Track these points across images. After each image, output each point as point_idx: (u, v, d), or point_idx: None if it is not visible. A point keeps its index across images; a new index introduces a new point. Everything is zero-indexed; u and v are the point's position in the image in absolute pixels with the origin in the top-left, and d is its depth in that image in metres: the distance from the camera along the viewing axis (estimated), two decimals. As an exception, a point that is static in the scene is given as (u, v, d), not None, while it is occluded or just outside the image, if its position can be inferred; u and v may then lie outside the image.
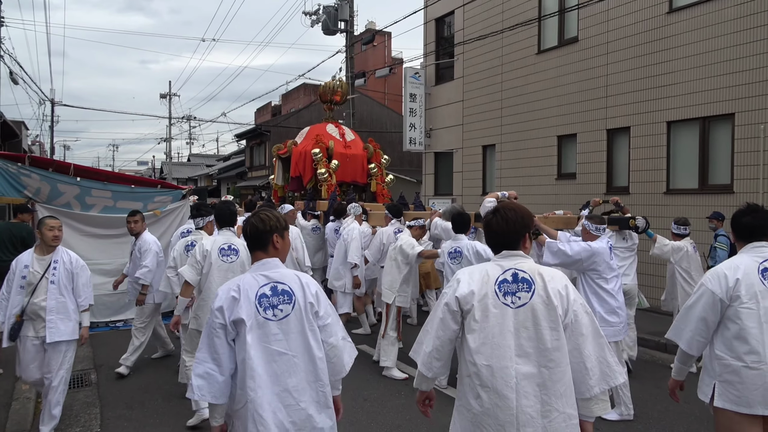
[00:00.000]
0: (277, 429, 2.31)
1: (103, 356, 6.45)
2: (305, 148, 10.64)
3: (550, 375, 2.14)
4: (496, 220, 2.33)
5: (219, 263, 4.39)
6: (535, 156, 11.63)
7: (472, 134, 13.45)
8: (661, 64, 9.28)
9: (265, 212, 2.56)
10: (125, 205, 7.86)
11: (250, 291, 2.40)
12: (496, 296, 2.22)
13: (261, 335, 2.35)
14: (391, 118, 26.20)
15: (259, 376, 2.31)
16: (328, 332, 2.47)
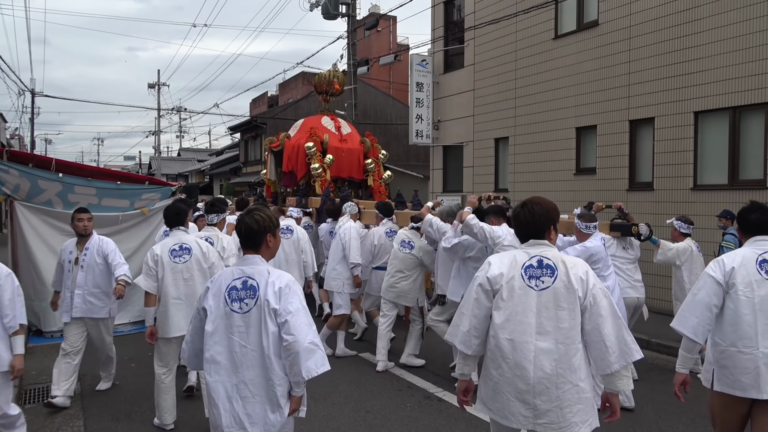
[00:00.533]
0: (231, 418, 2.61)
1: (87, 365, 6.47)
2: (299, 141, 10.68)
3: (566, 351, 2.56)
4: (523, 213, 2.78)
5: (171, 265, 4.55)
6: (551, 149, 11.60)
7: (484, 126, 13.43)
8: (688, 50, 9.24)
9: (259, 212, 2.80)
10: (111, 203, 7.89)
11: (223, 283, 2.73)
12: (522, 279, 2.65)
13: (227, 325, 2.68)
14: (397, 108, 26.20)
15: (218, 363, 2.65)
16: (286, 329, 2.62)
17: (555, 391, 2.57)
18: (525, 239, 2.79)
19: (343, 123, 11.49)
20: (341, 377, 5.94)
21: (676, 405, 5.12)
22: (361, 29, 18.27)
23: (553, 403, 2.58)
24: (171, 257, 4.58)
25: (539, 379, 2.57)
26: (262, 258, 2.78)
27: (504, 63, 12.79)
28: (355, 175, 10.97)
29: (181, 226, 4.77)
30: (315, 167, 10.11)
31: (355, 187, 11.10)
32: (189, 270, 4.58)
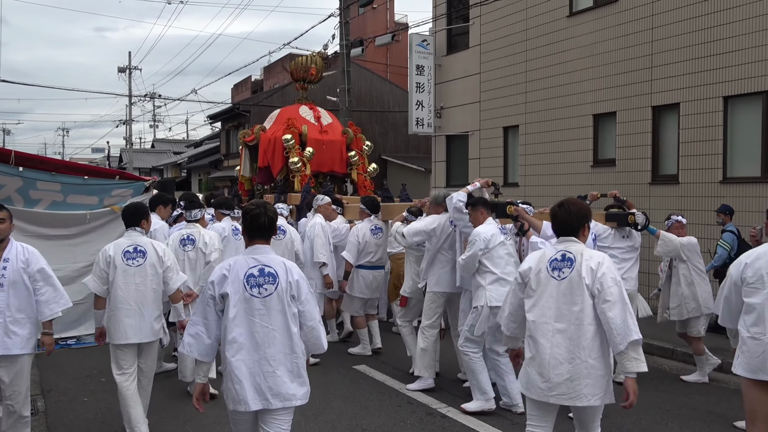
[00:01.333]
0: (254, 391, 3.23)
1: (52, 379, 6.49)
2: (275, 134, 10.76)
3: (576, 331, 3.31)
4: (561, 212, 3.51)
5: (124, 268, 4.68)
6: (566, 139, 11.64)
7: (492, 113, 13.46)
8: (717, 28, 9.28)
9: (272, 206, 3.47)
10: (77, 200, 7.89)
11: (240, 271, 3.30)
12: (547, 271, 3.45)
13: (247, 308, 3.27)
14: (395, 94, 26.22)
15: (240, 344, 3.25)
16: (306, 316, 3.37)
17: (567, 365, 3.32)
18: (560, 236, 3.54)
19: (323, 112, 11.61)
20: (334, 392, 5.97)
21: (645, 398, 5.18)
22: (354, 6, 18.27)
23: (564, 376, 3.32)
24: (124, 259, 4.69)
25: (554, 354, 3.34)
26: (270, 248, 3.43)
27: (513, 43, 12.81)
28: (337, 168, 11.09)
29: (138, 227, 4.86)
30: (294, 161, 10.21)
31: (338, 181, 11.22)
32: (142, 274, 4.69)
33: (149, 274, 4.71)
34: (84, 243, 7.97)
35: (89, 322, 7.97)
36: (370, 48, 19.69)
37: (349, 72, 17.37)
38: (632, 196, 10.28)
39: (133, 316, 4.65)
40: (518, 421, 5.23)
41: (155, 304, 4.75)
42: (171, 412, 5.49)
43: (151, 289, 4.72)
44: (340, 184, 11.28)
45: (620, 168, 10.67)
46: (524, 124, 12.59)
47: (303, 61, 11.80)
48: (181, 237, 5.90)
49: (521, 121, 12.66)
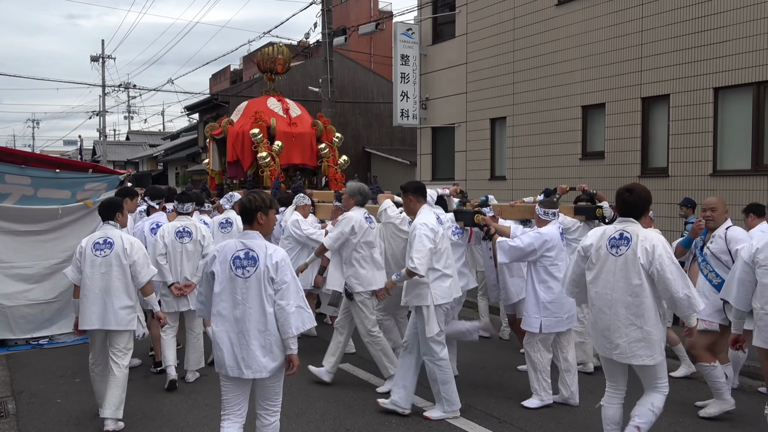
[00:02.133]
0: (233, 360, 3.76)
1: (23, 381, 6.42)
2: (243, 127, 10.87)
3: (633, 302, 3.96)
4: (630, 197, 4.08)
5: (92, 258, 5.14)
6: (555, 131, 11.69)
7: (478, 105, 13.48)
8: (707, 18, 9.35)
9: (253, 194, 3.95)
10: (48, 194, 7.79)
11: (228, 253, 3.84)
12: (606, 248, 4.06)
13: (231, 287, 3.80)
14: (379, 85, 26.18)
15: (224, 317, 3.79)
16: (280, 296, 3.77)
17: (624, 330, 4.00)
18: (624, 216, 4.11)
19: (292, 104, 11.72)
20: (317, 391, 5.96)
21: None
22: (337, -6, 18.21)
23: (623, 338, 4.00)
24: (93, 250, 5.15)
25: (613, 320, 4.02)
26: (259, 233, 3.89)
27: (501, 33, 12.83)
28: (307, 161, 11.19)
29: (112, 221, 5.29)
30: (262, 156, 10.34)
31: (309, 174, 11.36)
32: (107, 264, 5.10)
33: (114, 265, 5.09)
34: (56, 239, 7.88)
35: (62, 321, 7.89)
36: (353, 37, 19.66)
37: (331, 62, 17.29)
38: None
39: (97, 303, 5.05)
40: (506, 419, 5.26)
41: (123, 294, 5.09)
42: (148, 413, 5.45)
43: (116, 278, 5.10)
44: (310, 177, 11.40)
45: (609, 160, 10.74)
46: (512, 115, 12.62)
47: (270, 51, 11.95)
48: (176, 229, 6.23)
49: (509, 112, 12.69)
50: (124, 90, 39.89)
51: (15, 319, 7.62)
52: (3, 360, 7.14)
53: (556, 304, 5.47)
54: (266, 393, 3.89)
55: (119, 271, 5.10)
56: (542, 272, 5.51)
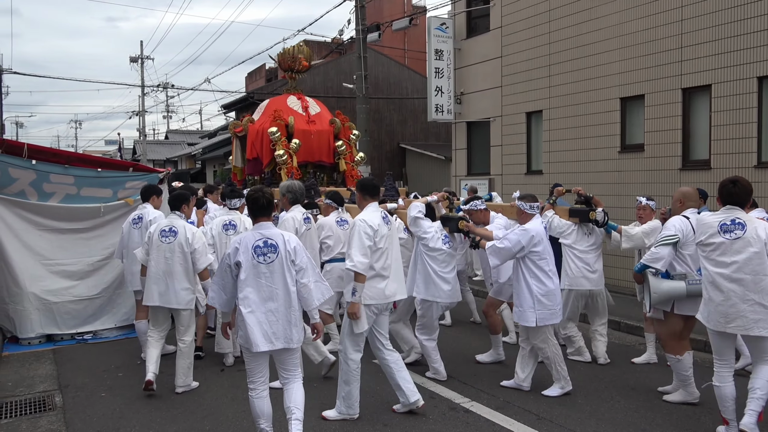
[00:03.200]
0: (262, 336, 4.33)
1: (69, 375, 6.59)
2: (262, 125, 11.15)
3: (752, 279, 4.45)
4: (735, 189, 4.61)
5: (158, 243, 5.97)
6: (592, 124, 11.53)
7: (514, 99, 13.37)
8: (751, 5, 9.10)
9: (268, 189, 4.60)
10: (91, 193, 7.99)
11: (248, 243, 4.40)
12: (718, 234, 4.57)
13: (255, 273, 4.38)
14: (413, 80, 26.13)
15: (251, 300, 4.35)
16: (301, 275, 4.47)
17: (742, 305, 4.44)
18: (729, 205, 4.62)
19: (312, 102, 11.96)
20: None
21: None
22: (370, -10, 18.21)
23: (741, 313, 4.45)
24: (159, 236, 5.99)
25: (731, 296, 4.48)
26: (272, 224, 4.56)
27: (536, 25, 12.70)
28: (324, 158, 11.41)
29: (178, 211, 6.16)
30: (279, 154, 10.60)
31: (327, 171, 11.58)
32: (171, 250, 5.93)
33: (177, 252, 5.92)
34: (98, 236, 8.08)
35: (105, 316, 8.09)
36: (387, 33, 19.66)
37: (365, 58, 17.35)
38: (662, 183, 10.18)
39: (160, 284, 5.90)
40: (544, 416, 5.22)
41: (184, 277, 5.92)
42: (189, 407, 5.56)
43: (177, 263, 5.92)
44: (329, 174, 11.63)
45: (649, 153, 10.55)
46: (548, 109, 12.49)
47: (291, 50, 12.18)
48: (224, 222, 6.80)
49: (545, 105, 12.56)
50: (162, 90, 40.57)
51: (60, 315, 7.84)
52: (50, 354, 7.35)
53: (549, 297, 5.67)
54: (292, 360, 4.53)
55: (181, 257, 5.92)
56: (532, 267, 5.68)
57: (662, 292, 5.22)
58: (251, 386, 4.47)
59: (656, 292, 5.23)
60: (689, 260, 5.28)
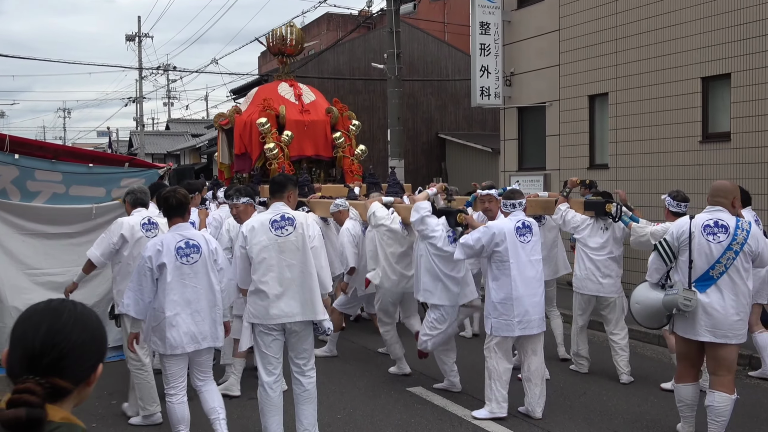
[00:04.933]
0: (189, 338, 5.03)
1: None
2: (250, 116, 11.44)
3: None
4: None
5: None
6: (668, 108, 11.41)
7: (574, 79, 13.28)
8: None
9: (181, 190, 5.26)
10: (81, 192, 8.11)
11: (170, 245, 5.05)
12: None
13: (179, 274, 5.04)
14: (454, 59, 26.11)
15: (175, 301, 5.00)
16: (222, 275, 5.28)
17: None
18: None
19: (306, 89, 12.34)
20: (386, 419, 6.04)
21: None
22: (404, -47, 18.23)
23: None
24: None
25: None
26: (190, 225, 5.32)
27: (600, -8, 12.61)
28: (322, 152, 11.69)
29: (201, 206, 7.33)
30: (269, 148, 10.87)
31: (325, 166, 11.92)
32: None
33: None
34: (90, 242, 8.09)
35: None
36: (423, 3, 19.71)
37: (398, 33, 17.36)
38: (751, 179, 10.02)
39: None
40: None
41: None
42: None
43: None
44: (326, 169, 11.95)
45: (736, 143, 10.40)
46: (615, 91, 12.38)
47: (280, 31, 12.61)
48: None
49: (611, 87, 12.45)
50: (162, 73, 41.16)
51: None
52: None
53: (505, 306, 5.94)
54: (209, 361, 5.30)
55: None
56: (495, 269, 6.04)
57: (644, 302, 5.35)
58: (171, 392, 5.06)
59: (638, 303, 5.39)
60: (683, 268, 5.25)
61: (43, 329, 1.70)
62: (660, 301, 5.16)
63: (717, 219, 5.12)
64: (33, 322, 1.72)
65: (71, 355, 1.71)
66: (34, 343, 1.67)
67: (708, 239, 5.10)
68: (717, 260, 5.05)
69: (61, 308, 1.77)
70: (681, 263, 5.23)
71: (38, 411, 1.58)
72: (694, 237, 5.12)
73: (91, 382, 1.82)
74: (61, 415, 1.68)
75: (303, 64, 26.69)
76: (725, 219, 5.13)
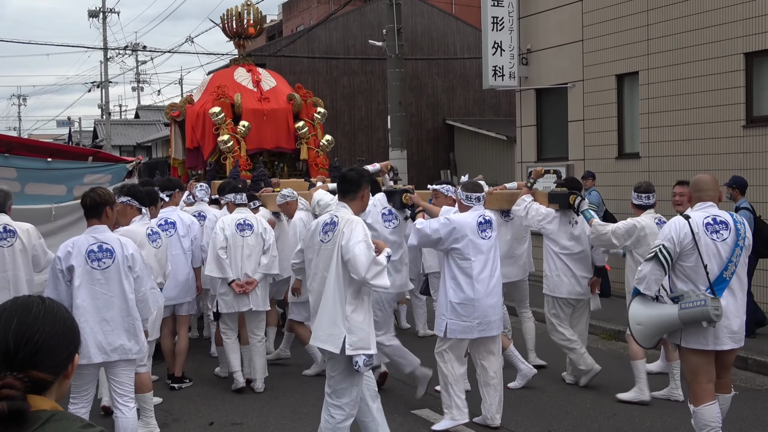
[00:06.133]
0: (96, 348, 5.16)
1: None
2: (203, 106, 11.61)
3: None
4: None
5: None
6: (707, 89, 11.40)
7: (600, 56, 13.27)
8: None
9: (99, 189, 5.51)
10: (38, 191, 8.08)
11: (82, 247, 5.25)
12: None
13: (88, 279, 5.23)
14: (463, 35, 26.12)
15: (84, 308, 5.16)
16: (138, 284, 5.40)
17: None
18: None
19: (265, 75, 12.55)
20: None
21: None
22: None
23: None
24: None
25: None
26: (107, 227, 5.39)
27: (629, -43, 12.60)
28: (283, 144, 11.88)
29: None
30: (224, 140, 11.03)
31: (288, 159, 12.15)
32: None
33: None
34: (51, 247, 8.13)
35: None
36: (427, -29, 19.65)
37: (398, 5, 17.33)
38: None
39: None
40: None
41: None
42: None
43: None
44: (290, 162, 12.19)
45: (786, 128, 10.40)
46: (646, 70, 12.37)
47: (235, 11, 12.74)
48: (237, 221, 7.62)
49: (642, 65, 12.44)
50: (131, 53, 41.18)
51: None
52: None
53: (465, 307, 6.14)
54: (128, 374, 5.36)
55: None
56: (454, 267, 6.22)
57: (648, 321, 5.20)
58: (72, 402, 5.24)
59: (640, 323, 5.23)
60: (691, 274, 5.22)
61: (14, 324, 1.88)
62: (675, 317, 5.01)
63: (714, 215, 5.23)
64: (3, 318, 1.90)
65: (45, 347, 1.89)
66: (7, 339, 1.86)
67: (713, 239, 5.14)
68: (729, 260, 5.11)
69: (29, 303, 1.97)
70: (688, 269, 5.17)
71: (20, 403, 1.77)
72: (699, 238, 5.11)
73: (68, 374, 1.99)
74: (50, 404, 1.88)
75: (291, 42, 26.71)
76: (721, 214, 5.26)
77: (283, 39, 30.28)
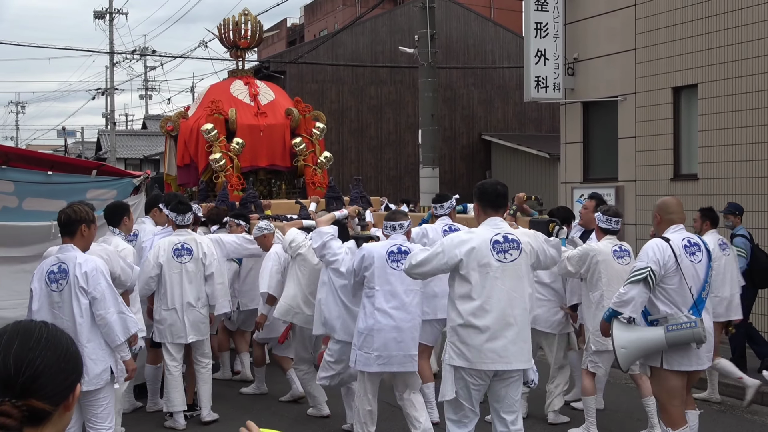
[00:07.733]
0: None
1: None
2: (197, 121, 11.88)
3: None
4: None
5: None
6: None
7: (654, 67, 13.25)
8: None
9: (77, 205, 5.68)
10: (38, 206, 8.14)
11: (44, 268, 5.47)
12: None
13: (49, 302, 5.42)
14: (503, 42, 26.18)
15: None
16: (96, 306, 5.38)
17: None
18: None
19: (264, 88, 12.81)
20: None
21: None
22: None
23: None
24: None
25: None
26: (74, 246, 5.48)
27: (688, -42, 12.60)
28: (278, 161, 12.16)
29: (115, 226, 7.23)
30: (215, 158, 11.30)
31: (286, 178, 12.45)
32: None
33: None
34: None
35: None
36: (464, -28, 19.75)
37: (432, 9, 17.42)
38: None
39: None
40: None
41: None
42: None
43: None
44: (288, 180, 12.49)
45: None
46: (706, 82, 12.34)
47: (233, 20, 13.02)
48: (174, 245, 7.67)
49: (701, 77, 12.41)
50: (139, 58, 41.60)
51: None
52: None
53: (366, 337, 6.45)
54: (97, 404, 5.38)
55: None
56: (363, 295, 6.63)
57: (630, 345, 5.55)
58: None
59: (624, 347, 5.56)
60: (674, 296, 5.67)
61: (15, 348, 1.90)
62: (661, 339, 5.45)
63: (688, 237, 5.78)
64: (3, 342, 1.92)
65: (46, 374, 1.91)
66: (7, 363, 1.87)
67: (691, 260, 5.67)
68: (705, 281, 5.67)
69: (31, 327, 2.00)
70: (672, 291, 5.64)
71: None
72: (681, 260, 5.61)
73: (69, 405, 1.99)
74: None
75: (314, 48, 26.87)
76: (692, 236, 5.81)
77: (305, 44, 30.48)
